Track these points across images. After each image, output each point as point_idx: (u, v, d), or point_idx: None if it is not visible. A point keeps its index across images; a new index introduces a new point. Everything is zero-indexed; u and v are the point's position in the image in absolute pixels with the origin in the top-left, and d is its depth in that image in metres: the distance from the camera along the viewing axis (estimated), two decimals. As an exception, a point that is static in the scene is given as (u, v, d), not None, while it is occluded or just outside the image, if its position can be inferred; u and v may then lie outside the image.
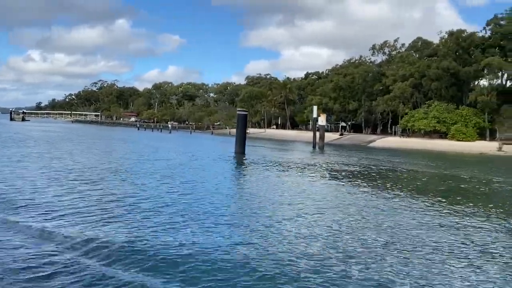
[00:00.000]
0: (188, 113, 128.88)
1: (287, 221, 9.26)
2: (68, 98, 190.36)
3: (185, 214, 9.44)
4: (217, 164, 22.93)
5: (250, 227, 8.61)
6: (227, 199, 11.89)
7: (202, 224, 8.55)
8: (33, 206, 9.48)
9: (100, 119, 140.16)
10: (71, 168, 16.71)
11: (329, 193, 13.94)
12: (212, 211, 9.87)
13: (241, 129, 31.46)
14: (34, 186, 12.02)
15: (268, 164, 23.51)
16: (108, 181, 14.01)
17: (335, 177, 18.94)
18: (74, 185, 12.62)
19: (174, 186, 13.69)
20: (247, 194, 13.27)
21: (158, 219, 8.79)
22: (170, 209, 9.93)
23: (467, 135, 58.89)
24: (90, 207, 9.68)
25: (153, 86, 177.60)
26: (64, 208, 9.39)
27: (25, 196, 10.46)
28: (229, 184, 15.65)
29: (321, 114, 45.17)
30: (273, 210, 10.50)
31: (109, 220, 8.50)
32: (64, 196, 10.77)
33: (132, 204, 10.33)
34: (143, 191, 12.22)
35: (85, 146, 32.10)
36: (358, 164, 26.25)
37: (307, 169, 22.22)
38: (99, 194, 11.41)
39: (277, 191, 13.71)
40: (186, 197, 11.71)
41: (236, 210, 10.48)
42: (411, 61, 74.75)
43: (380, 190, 14.89)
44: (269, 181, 16.31)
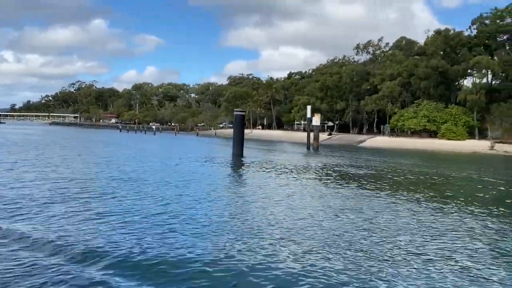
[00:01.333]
0: (170, 114, 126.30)
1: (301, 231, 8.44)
2: (44, 99, 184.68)
3: (202, 223, 8.69)
4: (220, 169, 21.28)
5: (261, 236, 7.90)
6: (235, 207, 10.81)
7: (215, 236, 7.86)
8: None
9: (79, 121, 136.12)
10: (73, 178, 14.63)
11: (344, 199, 12.49)
12: (222, 220, 9.18)
13: (238, 131, 29.88)
14: (39, 202, 10.16)
15: (268, 167, 22.00)
16: (126, 193, 12.14)
17: (342, 181, 17.46)
18: (85, 199, 10.85)
19: (190, 195, 12.12)
20: (254, 201, 11.84)
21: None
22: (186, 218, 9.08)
23: (457, 134, 58.66)
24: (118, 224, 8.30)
25: (133, 86, 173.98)
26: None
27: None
28: (234, 191, 13.93)
29: (315, 114, 43.85)
30: (287, 220, 9.49)
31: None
32: (78, 214, 9.05)
33: (153, 216, 9.22)
34: (165, 204, 10.64)
35: (78, 151, 29.49)
36: (357, 166, 24.93)
37: (310, 172, 20.79)
38: (122, 208, 9.93)
39: (284, 199, 12.32)
40: (209, 207, 10.42)
41: (247, 218, 9.41)
42: (398, 60, 74.43)
43: (398, 196, 13.62)
44: (274, 187, 14.86)
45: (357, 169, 23.14)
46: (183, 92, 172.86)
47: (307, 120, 44.74)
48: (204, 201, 11.30)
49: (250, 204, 11.28)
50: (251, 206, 10.99)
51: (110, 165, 19.86)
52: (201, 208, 10.38)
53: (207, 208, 10.44)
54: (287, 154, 36.50)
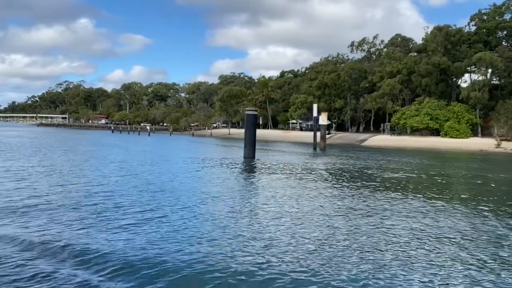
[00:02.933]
0: (162, 114, 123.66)
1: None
2: (31, 100, 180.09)
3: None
4: (242, 174, 19.50)
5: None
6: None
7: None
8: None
9: (68, 121, 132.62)
10: (100, 191, 12.63)
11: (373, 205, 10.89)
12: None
13: (250, 132, 28.10)
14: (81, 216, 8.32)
15: (281, 171, 20.38)
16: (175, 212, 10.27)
17: (364, 185, 15.80)
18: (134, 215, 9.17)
19: (219, 205, 10.47)
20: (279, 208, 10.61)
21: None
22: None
23: (460, 132, 57.66)
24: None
25: (122, 86, 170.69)
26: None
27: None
28: (254, 198, 12.18)
29: (322, 113, 42.27)
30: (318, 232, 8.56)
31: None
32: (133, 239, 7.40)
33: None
34: (215, 222, 8.99)
35: (83, 155, 26.91)
36: (373, 168, 23.37)
37: (330, 175, 19.05)
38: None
39: (316, 210, 10.76)
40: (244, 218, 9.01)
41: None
42: (397, 57, 73.34)
43: (427, 200, 12.33)
44: (305, 197, 13.10)
45: (375, 171, 21.55)
46: (173, 91, 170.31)
47: (313, 119, 43.11)
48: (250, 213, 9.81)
49: (294, 221, 9.63)
50: (294, 222, 9.43)
51: (128, 172, 17.72)
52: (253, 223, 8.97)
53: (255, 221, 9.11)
54: (296, 155, 34.83)
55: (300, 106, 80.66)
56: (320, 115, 41.63)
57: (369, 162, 27.75)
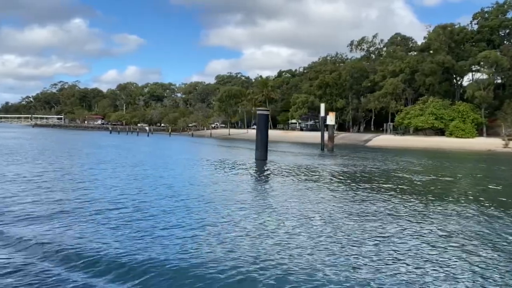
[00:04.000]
0: (159, 114, 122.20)
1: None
2: (25, 100, 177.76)
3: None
4: (251, 176, 18.38)
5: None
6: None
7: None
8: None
9: (64, 122, 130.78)
10: (121, 197, 11.56)
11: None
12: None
13: (262, 132, 26.96)
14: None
15: (298, 174, 19.17)
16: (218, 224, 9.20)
17: (382, 188, 14.75)
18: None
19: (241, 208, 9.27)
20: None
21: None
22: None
23: (466, 131, 56.90)
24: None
25: (117, 87, 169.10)
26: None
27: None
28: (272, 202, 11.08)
29: (329, 113, 41.23)
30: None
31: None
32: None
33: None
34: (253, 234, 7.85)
35: (93, 158, 25.10)
36: (389, 170, 22.35)
37: (346, 179, 17.84)
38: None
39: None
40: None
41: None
42: (399, 56, 72.62)
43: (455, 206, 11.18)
44: (320, 198, 11.99)
45: (392, 173, 20.45)
46: (169, 91, 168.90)
47: (320, 119, 42.09)
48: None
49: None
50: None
51: (146, 178, 16.40)
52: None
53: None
54: (305, 156, 33.67)
55: (301, 106, 79.67)
56: (327, 115, 40.56)
57: (382, 163, 26.70)
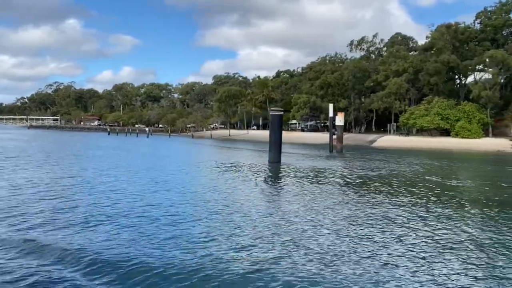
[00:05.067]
0: (156, 115, 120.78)
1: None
2: (19, 101, 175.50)
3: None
4: (269, 181, 17.23)
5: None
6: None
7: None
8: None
9: (60, 123, 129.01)
10: (147, 203, 10.55)
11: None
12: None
13: (276, 133, 25.90)
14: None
15: (313, 177, 18.08)
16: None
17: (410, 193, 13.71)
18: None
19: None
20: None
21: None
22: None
23: (472, 132, 56.09)
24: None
25: (113, 87, 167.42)
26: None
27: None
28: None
29: (338, 113, 40.23)
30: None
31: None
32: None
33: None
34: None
35: (102, 162, 23.43)
36: (402, 173, 21.34)
37: (365, 181, 16.77)
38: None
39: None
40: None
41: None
42: (402, 56, 71.80)
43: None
44: (346, 203, 10.86)
45: (411, 176, 19.33)
46: (166, 92, 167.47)
47: (329, 120, 41.06)
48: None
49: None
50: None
51: (166, 183, 15.16)
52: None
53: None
54: (316, 158, 32.58)
55: (302, 106, 78.62)
56: (336, 115, 39.54)
57: (396, 165, 25.60)
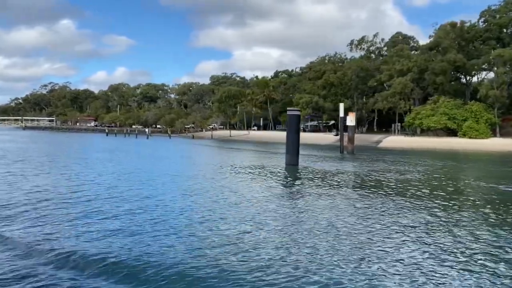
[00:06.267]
0: (154, 115, 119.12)
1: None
2: (13, 102, 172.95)
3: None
4: (293, 185, 15.95)
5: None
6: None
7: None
8: None
9: (56, 124, 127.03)
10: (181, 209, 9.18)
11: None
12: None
13: (293, 135, 24.55)
14: None
15: (334, 181, 16.92)
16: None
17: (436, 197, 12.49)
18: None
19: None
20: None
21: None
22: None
23: (480, 132, 55.20)
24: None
25: (109, 87, 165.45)
26: None
27: None
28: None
29: (349, 113, 39.03)
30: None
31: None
32: None
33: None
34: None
35: (113, 165, 21.98)
36: (424, 176, 20.20)
37: (387, 184, 15.60)
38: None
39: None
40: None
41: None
42: (405, 55, 70.86)
43: None
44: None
45: (431, 179, 18.22)
46: (162, 92, 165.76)
47: (339, 120, 39.84)
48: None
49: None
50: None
51: (190, 188, 14.01)
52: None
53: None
54: (329, 160, 31.11)
55: (305, 107, 77.43)
56: (347, 116, 38.34)
57: (412, 167, 24.43)
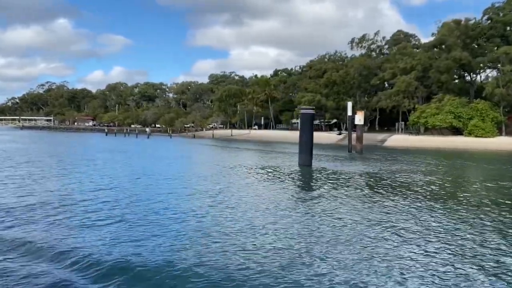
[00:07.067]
0: (153, 115, 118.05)
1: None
2: (10, 102, 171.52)
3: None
4: (310, 187, 15.16)
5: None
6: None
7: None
8: None
9: (53, 124, 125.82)
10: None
11: None
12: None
13: (307, 134, 23.74)
14: None
15: (352, 183, 16.18)
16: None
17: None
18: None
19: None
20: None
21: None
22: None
23: (486, 130, 54.50)
24: None
25: (107, 87, 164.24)
26: None
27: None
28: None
29: (358, 112, 38.27)
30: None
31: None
32: None
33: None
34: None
35: (123, 167, 21.35)
36: (447, 176, 19.45)
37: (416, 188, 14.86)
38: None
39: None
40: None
41: None
42: (408, 53, 70.17)
43: None
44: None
45: (454, 181, 17.56)
46: (160, 91, 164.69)
47: (347, 119, 39.11)
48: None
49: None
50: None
51: (208, 192, 13.28)
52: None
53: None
54: (340, 160, 30.37)
55: (307, 106, 76.65)
56: (356, 114, 37.58)
57: (426, 167, 23.92)
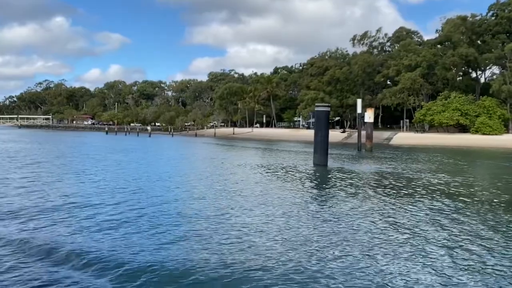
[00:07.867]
0: (153, 113, 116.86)
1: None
2: (8, 100, 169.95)
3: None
4: (330, 189, 14.30)
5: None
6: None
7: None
8: None
9: (52, 122, 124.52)
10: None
11: None
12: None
13: (322, 133, 22.79)
14: None
15: (371, 184, 15.32)
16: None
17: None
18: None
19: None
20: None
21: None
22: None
23: (493, 128, 53.79)
24: None
25: (105, 85, 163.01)
26: None
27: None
28: None
29: (367, 109, 37.44)
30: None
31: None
32: None
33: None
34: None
35: (138, 168, 20.00)
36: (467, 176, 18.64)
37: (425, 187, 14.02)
38: None
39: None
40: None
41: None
42: (413, 49, 69.31)
43: None
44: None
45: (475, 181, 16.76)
46: (159, 89, 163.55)
47: (357, 116, 38.27)
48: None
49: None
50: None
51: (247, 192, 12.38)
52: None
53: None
54: (352, 159, 29.59)
55: (310, 103, 75.78)
56: (365, 112, 36.75)
57: (441, 166, 23.18)
